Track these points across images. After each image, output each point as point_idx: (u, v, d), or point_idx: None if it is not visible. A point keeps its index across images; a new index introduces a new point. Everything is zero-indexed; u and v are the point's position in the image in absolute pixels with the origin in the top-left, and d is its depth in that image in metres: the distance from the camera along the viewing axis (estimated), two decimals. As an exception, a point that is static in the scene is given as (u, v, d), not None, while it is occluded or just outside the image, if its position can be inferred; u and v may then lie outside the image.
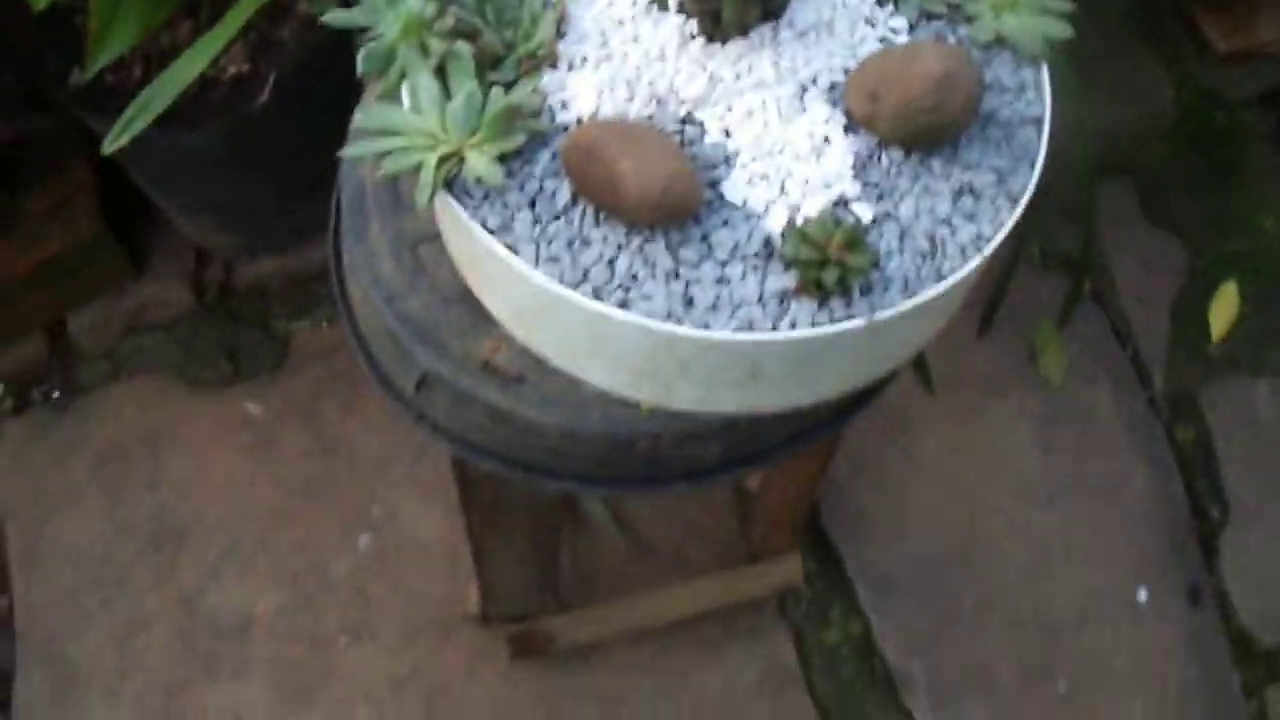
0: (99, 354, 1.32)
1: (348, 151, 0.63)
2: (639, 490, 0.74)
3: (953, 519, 1.29)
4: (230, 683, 1.20)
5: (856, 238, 0.59)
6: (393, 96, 0.63)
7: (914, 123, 0.61)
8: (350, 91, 0.76)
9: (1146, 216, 1.48)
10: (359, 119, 0.62)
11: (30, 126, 1.27)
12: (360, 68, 0.63)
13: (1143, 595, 1.30)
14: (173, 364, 1.31)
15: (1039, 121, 0.66)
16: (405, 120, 0.62)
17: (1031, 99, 0.66)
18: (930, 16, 0.67)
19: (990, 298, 1.28)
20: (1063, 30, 0.67)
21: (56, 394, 1.30)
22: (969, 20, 0.67)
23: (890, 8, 0.66)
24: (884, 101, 0.60)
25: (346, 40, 1.24)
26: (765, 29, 0.64)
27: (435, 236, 0.72)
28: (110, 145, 0.88)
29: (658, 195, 0.57)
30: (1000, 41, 0.67)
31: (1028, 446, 1.33)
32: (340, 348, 1.32)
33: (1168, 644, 1.28)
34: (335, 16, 0.65)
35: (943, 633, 1.24)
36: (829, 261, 0.58)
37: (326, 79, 1.14)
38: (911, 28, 0.66)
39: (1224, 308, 1.43)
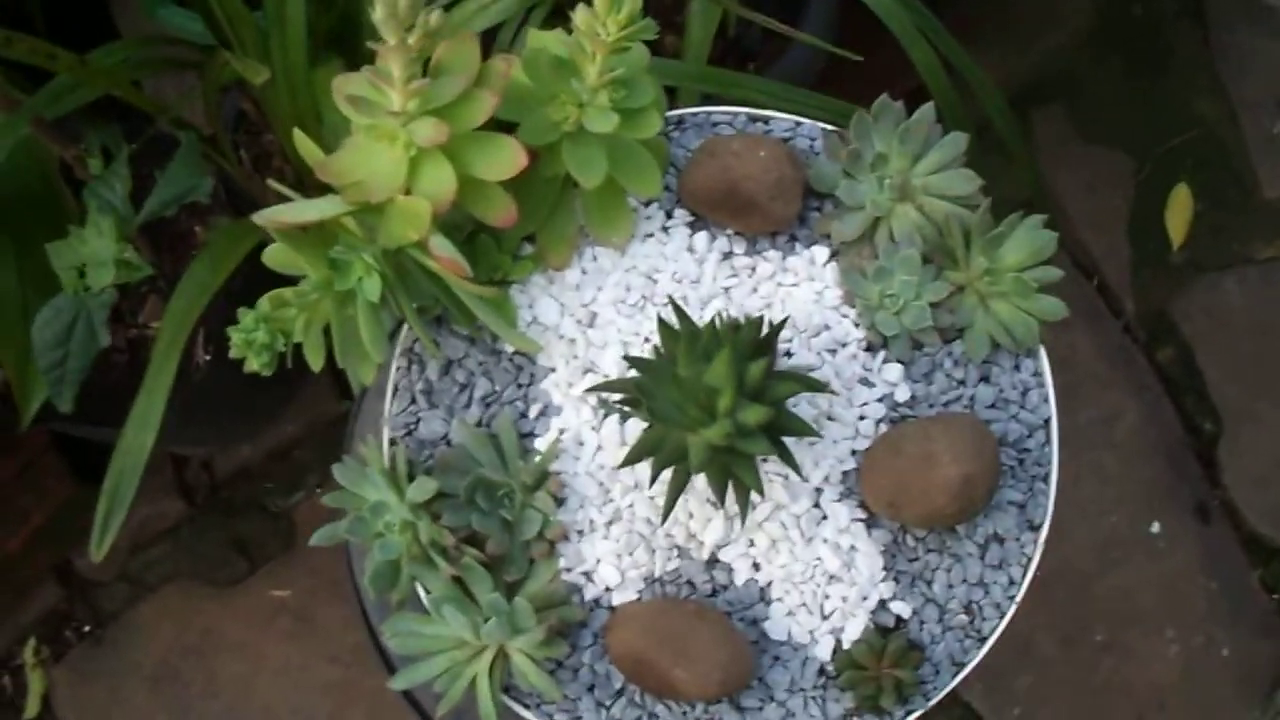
0: (114, 578, 1.32)
1: (398, 684, 0.63)
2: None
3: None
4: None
5: (902, 651, 0.61)
6: (410, 598, 0.63)
7: (938, 522, 0.61)
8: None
9: (1084, 136, 1.46)
10: (391, 640, 0.62)
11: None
12: (369, 588, 0.62)
13: (1156, 527, 1.36)
14: (187, 570, 1.31)
15: (1047, 423, 0.66)
16: (438, 634, 0.62)
17: (1035, 401, 0.66)
18: (920, 345, 0.65)
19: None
20: (1056, 309, 0.66)
21: (88, 628, 1.31)
22: (960, 333, 0.65)
23: (881, 354, 0.64)
24: (906, 510, 0.60)
25: (263, 269, 1.18)
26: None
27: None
28: (99, 552, 0.86)
29: (715, 691, 0.58)
30: (996, 346, 0.66)
31: (1022, 419, 1.36)
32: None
33: (1186, 566, 1.35)
34: (321, 535, 0.64)
35: (982, 620, 1.31)
36: (882, 684, 0.60)
37: (254, 301, 1.10)
38: (906, 366, 0.64)
39: (1179, 212, 1.43)
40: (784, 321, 0.55)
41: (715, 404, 0.51)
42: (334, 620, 1.31)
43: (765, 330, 0.54)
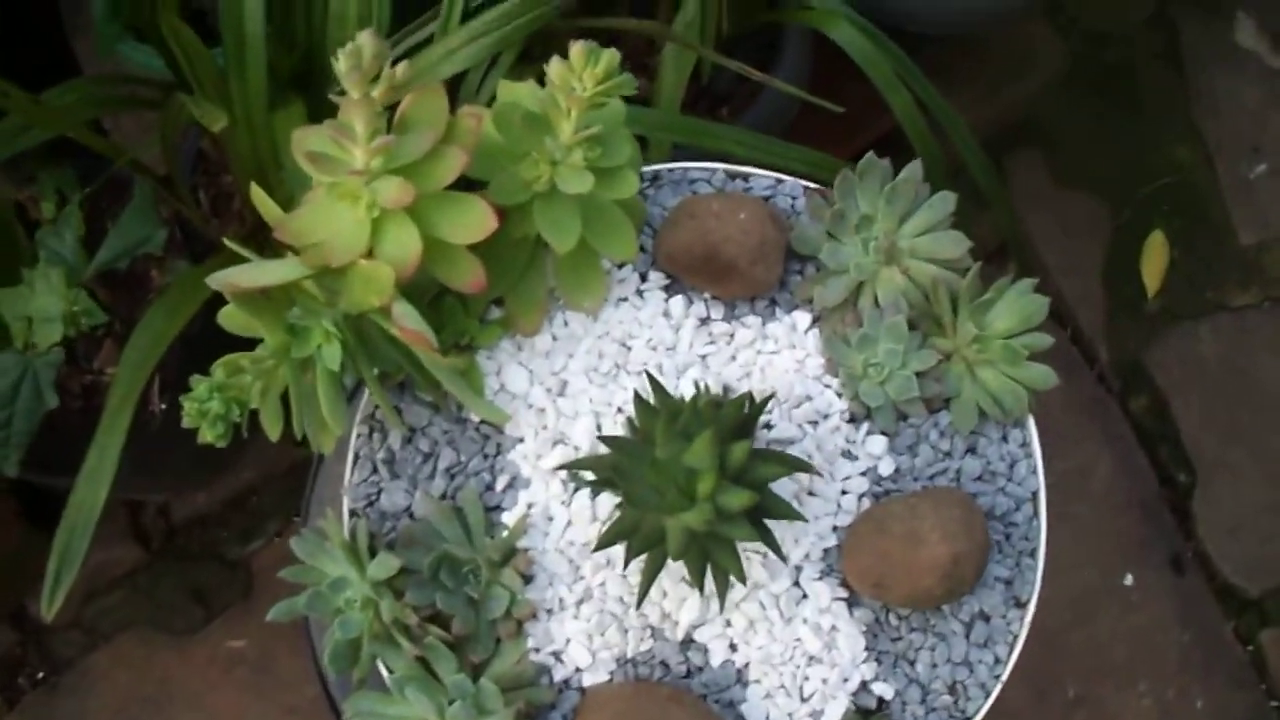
0: (68, 625, 1.27)
1: (353, 770, 0.59)
2: None
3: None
4: None
5: (889, 737, 0.58)
6: (371, 674, 0.60)
7: (925, 603, 0.59)
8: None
9: (1059, 180, 1.45)
10: (349, 717, 0.58)
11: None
12: (329, 667, 0.59)
13: (1129, 579, 1.35)
14: (143, 618, 1.27)
15: (1035, 496, 0.64)
16: (401, 715, 0.58)
17: (1023, 473, 0.64)
18: (905, 416, 0.63)
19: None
20: (1046, 377, 0.64)
21: (41, 675, 1.27)
22: (947, 403, 0.63)
23: (864, 425, 0.62)
24: (892, 591, 0.58)
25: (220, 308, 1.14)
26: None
27: None
28: (49, 610, 0.82)
29: (692, 784, 0.56)
30: (984, 416, 0.63)
31: (997, 468, 1.34)
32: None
33: (1159, 618, 1.34)
34: (279, 611, 0.61)
35: (957, 673, 1.28)
36: (869, 774, 0.58)
37: (211, 349, 1.06)
38: (890, 438, 0.62)
39: (1154, 259, 1.43)
40: (769, 398, 0.53)
41: (695, 487, 0.48)
42: (292, 671, 1.27)
43: (749, 407, 0.51)
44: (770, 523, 0.58)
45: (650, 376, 0.53)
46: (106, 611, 1.28)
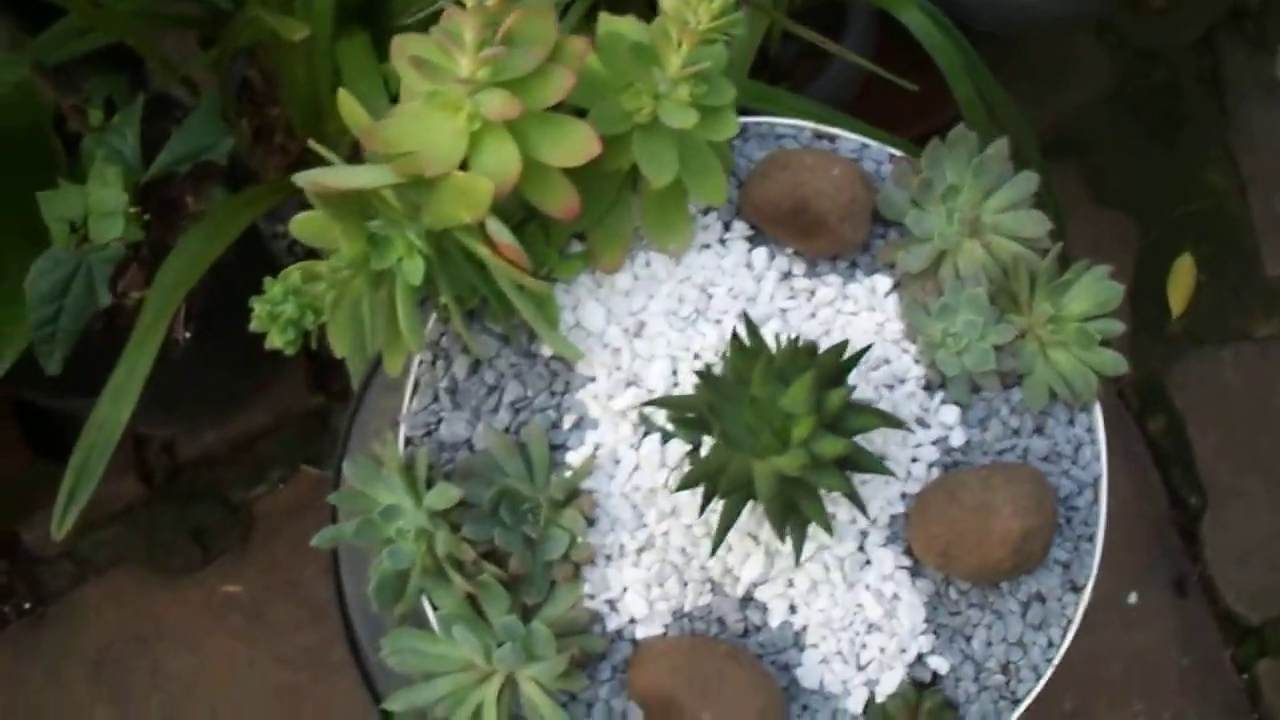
0: (59, 556, 1.25)
1: (395, 705, 0.57)
2: None
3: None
4: None
5: (938, 708, 0.57)
6: (413, 612, 0.58)
7: (991, 577, 0.58)
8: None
9: (1093, 196, 1.45)
10: (392, 657, 0.57)
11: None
12: (373, 599, 0.57)
13: (1133, 598, 1.34)
14: (138, 555, 1.25)
15: (1097, 482, 0.63)
16: (444, 655, 0.57)
17: (1087, 458, 0.63)
18: (979, 389, 0.61)
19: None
20: (1116, 363, 0.63)
21: (28, 605, 1.24)
22: (1019, 381, 0.62)
23: (939, 394, 0.61)
24: (960, 561, 0.57)
25: (253, 243, 1.11)
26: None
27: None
28: (60, 529, 0.80)
29: (746, 742, 0.54)
30: (1053, 396, 0.62)
31: (1012, 475, 1.34)
32: (306, 506, 1.26)
33: (1160, 639, 1.33)
34: (324, 537, 0.58)
35: (955, 677, 1.28)
36: (920, 746, 0.56)
37: (240, 282, 1.04)
38: (963, 410, 0.61)
39: (1181, 282, 1.42)
40: (865, 349, 0.51)
41: (790, 431, 0.47)
42: (286, 620, 1.25)
43: (844, 357, 0.50)
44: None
45: (747, 318, 0.51)
46: (101, 545, 1.25)
